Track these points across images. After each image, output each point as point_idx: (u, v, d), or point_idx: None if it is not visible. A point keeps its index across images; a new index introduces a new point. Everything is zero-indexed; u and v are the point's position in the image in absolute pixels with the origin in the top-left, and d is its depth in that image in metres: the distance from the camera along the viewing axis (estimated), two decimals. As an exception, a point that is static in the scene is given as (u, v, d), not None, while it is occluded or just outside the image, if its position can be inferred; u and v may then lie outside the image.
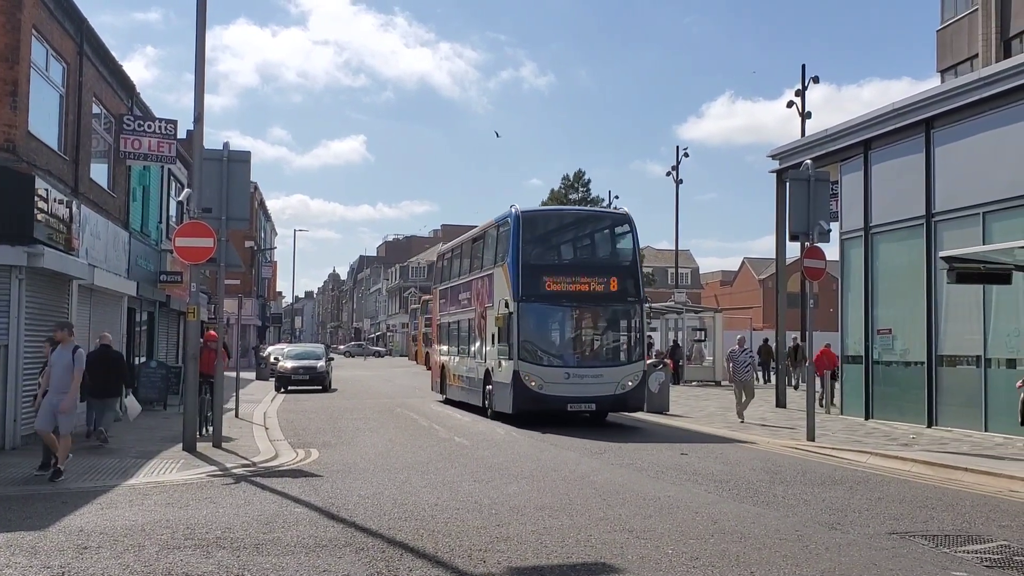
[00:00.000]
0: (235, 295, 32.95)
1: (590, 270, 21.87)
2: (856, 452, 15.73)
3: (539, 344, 21.01)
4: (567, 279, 21.34)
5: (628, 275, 21.61)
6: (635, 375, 21.00)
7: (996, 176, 18.08)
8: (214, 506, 10.48)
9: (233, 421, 20.34)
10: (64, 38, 18.67)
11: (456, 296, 27.11)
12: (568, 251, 24.05)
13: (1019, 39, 29.85)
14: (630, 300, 21.31)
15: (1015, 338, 17.59)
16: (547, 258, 22.57)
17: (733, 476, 13.16)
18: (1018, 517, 10.28)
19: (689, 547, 8.55)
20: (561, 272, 21.70)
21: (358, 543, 8.60)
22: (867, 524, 9.74)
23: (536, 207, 23.74)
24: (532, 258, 21.32)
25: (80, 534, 8.84)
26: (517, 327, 20.49)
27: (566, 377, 20.45)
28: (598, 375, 20.63)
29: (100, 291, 20.37)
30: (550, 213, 25.22)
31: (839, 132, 22.83)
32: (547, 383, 20.31)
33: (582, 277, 21.44)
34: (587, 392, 20.40)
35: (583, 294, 21.18)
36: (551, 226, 23.69)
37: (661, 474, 13.23)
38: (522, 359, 20.41)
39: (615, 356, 21.49)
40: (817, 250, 17.97)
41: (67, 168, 18.82)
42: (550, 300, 21.09)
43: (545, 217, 24.48)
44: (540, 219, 23.21)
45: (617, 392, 20.63)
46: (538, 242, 22.29)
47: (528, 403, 20.35)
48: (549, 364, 20.74)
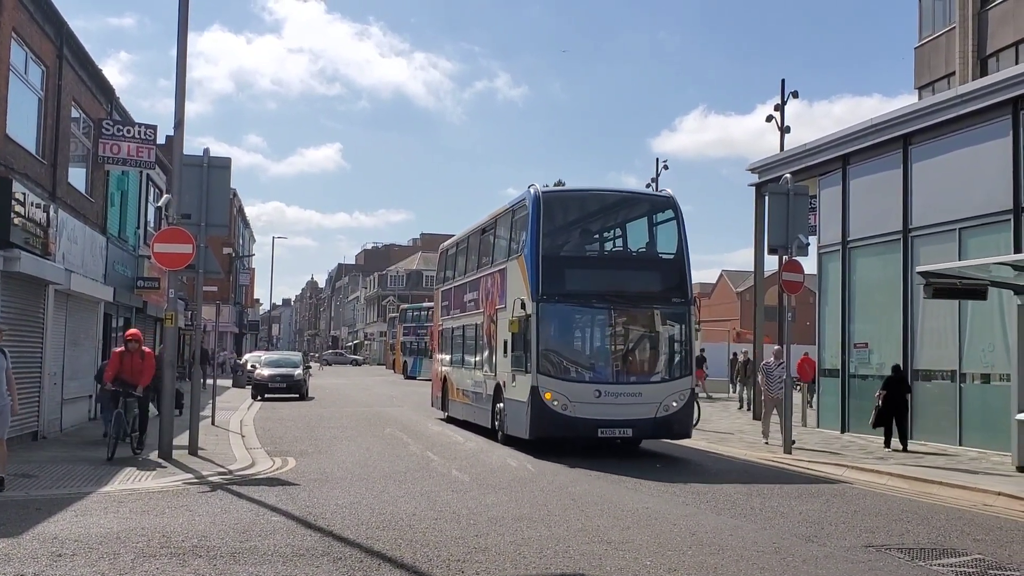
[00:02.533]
0: (213, 301, 32.82)
1: (626, 264, 18.78)
2: (833, 465, 15.81)
3: (563, 354, 17.40)
4: (598, 275, 18.04)
5: (673, 271, 17.86)
6: (681, 394, 17.12)
7: (972, 192, 18.26)
8: (190, 514, 10.41)
9: (209, 429, 20.21)
10: (43, 41, 18.56)
11: (461, 297, 23.64)
12: (599, 241, 20.46)
13: (996, 57, 30.19)
14: (676, 301, 17.58)
15: (990, 353, 17.75)
16: (573, 249, 18.99)
17: (711, 488, 13.20)
18: (992, 531, 10.36)
19: (667, 559, 8.56)
20: (590, 266, 18.59)
21: (335, 552, 8.56)
22: (844, 537, 9.79)
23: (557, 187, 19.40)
24: (555, 248, 17.76)
25: (54, 541, 8.75)
26: (536, 333, 16.82)
27: (597, 396, 16.68)
28: (636, 393, 16.89)
29: (77, 296, 20.22)
30: (576, 195, 20.35)
31: (818, 147, 22.99)
32: (573, 403, 16.56)
33: (617, 272, 18.19)
34: (622, 414, 16.70)
35: (618, 293, 17.44)
36: (578, 210, 19.75)
37: (638, 482, 13.24)
38: (542, 372, 16.73)
39: (657, 370, 17.71)
40: (795, 263, 18.08)
41: (45, 172, 18.70)
42: (577, 300, 17.49)
43: (570, 199, 20.03)
44: (564, 201, 19.50)
45: (659, 415, 16.83)
46: (562, 229, 18.86)
47: (549, 427, 16.69)
48: (576, 379, 17.08)
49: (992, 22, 30.46)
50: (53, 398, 18.88)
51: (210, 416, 21.96)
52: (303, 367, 37.47)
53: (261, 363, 38.29)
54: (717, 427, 23.29)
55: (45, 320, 18.17)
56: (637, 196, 20.86)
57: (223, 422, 22.26)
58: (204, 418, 20.51)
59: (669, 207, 18.20)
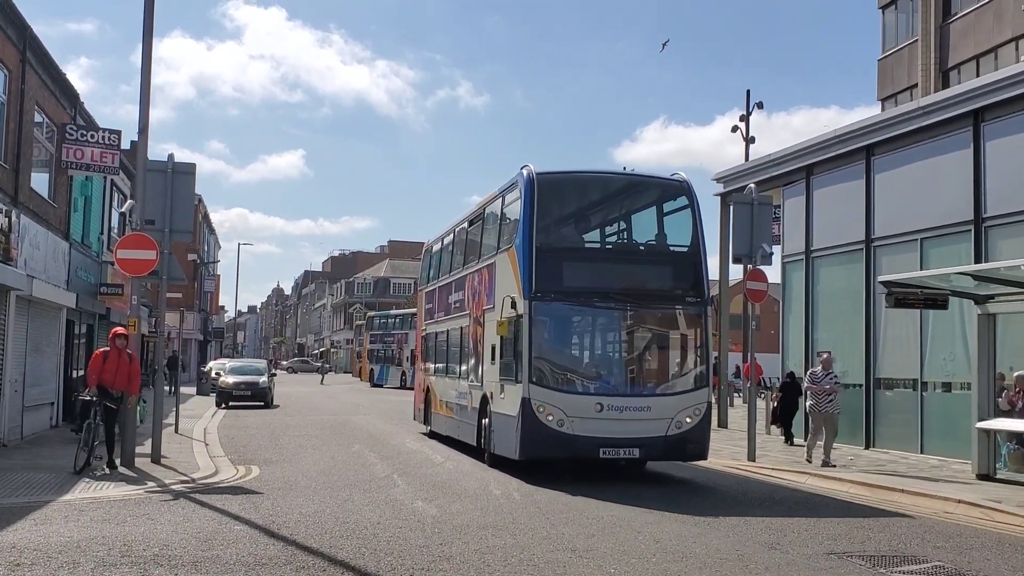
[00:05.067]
0: (177, 308, 32.54)
1: (634, 258, 16.71)
2: (796, 473, 15.94)
3: (560, 361, 15.32)
4: (601, 270, 15.83)
5: (687, 266, 15.76)
6: (696, 408, 14.90)
7: (933, 203, 18.51)
8: (152, 523, 10.30)
9: (172, 437, 20.02)
10: (6, 45, 18.36)
11: (445, 298, 21.41)
12: (602, 231, 18.19)
13: (957, 70, 30.67)
14: (690, 301, 15.40)
15: (951, 362, 17.98)
16: (572, 240, 17.00)
17: (675, 496, 13.25)
18: (952, 538, 10.49)
19: (631, 566, 8.59)
20: (592, 260, 16.43)
21: (299, 561, 8.51)
22: (806, 544, 9.87)
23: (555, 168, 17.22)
24: (551, 239, 15.73)
25: (12, 550, 8.63)
26: (528, 336, 14.65)
27: (598, 410, 14.50)
28: (644, 407, 14.73)
29: (38, 302, 19.98)
30: (576, 178, 17.28)
31: (782, 157, 23.20)
32: (570, 418, 14.40)
33: (622, 267, 16.05)
34: (628, 431, 14.50)
35: (624, 292, 15.31)
36: (577, 196, 17.42)
37: (601, 490, 13.27)
38: (535, 382, 14.57)
39: (669, 381, 15.61)
40: (759, 272, 18.22)
41: (7, 177, 18.48)
42: (576, 299, 15.41)
43: (569, 183, 17.12)
44: (562, 185, 16.79)
45: (670, 432, 14.64)
46: (560, 217, 16.81)
47: (542, 446, 14.62)
48: (574, 391, 14.92)
49: (953, 35, 30.93)
50: (14, 405, 18.64)
51: (174, 424, 21.76)
52: (268, 375, 37.23)
53: (226, 370, 37.99)
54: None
55: (6, 327, 17.93)
56: (646, 180, 18.04)
57: (187, 430, 22.06)
58: (167, 426, 20.32)
59: (683, 193, 16.08)
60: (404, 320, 58.80)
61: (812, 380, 17.72)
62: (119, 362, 14.84)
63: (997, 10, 29.29)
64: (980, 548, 9.93)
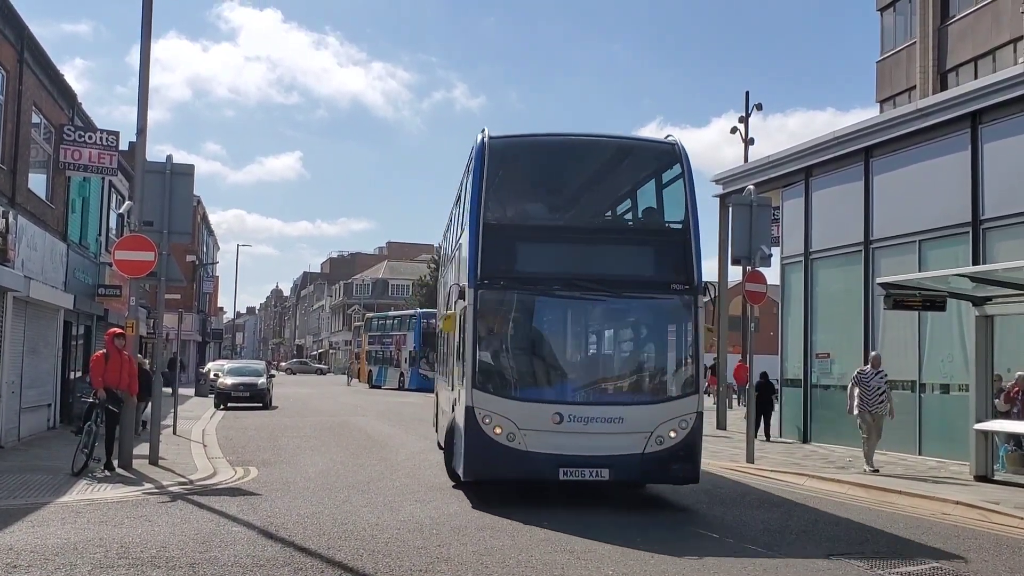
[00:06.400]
0: (176, 310, 32.52)
1: (608, 237, 13.70)
2: (794, 474, 15.93)
3: (511, 363, 12.85)
4: (566, 252, 13.08)
5: (674, 247, 12.88)
6: (683, 420, 12.19)
7: (931, 205, 18.52)
8: (149, 524, 10.29)
9: (171, 438, 20.00)
10: (3, 45, 18.34)
11: (443, 290, 19.08)
12: (571, 205, 14.62)
13: (955, 72, 30.68)
14: (676, 289, 12.54)
15: (949, 364, 17.99)
16: (532, 217, 14.07)
17: (673, 497, 13.24)
18: (950, 539, 10.49)
19: (629, 568, 8.58)
20: (556, 240, 13.33)
21: (297, 563, 8.50)
22: (804, 546, 9.87)
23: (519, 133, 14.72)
24: (505, 215, 13.42)
25: (9, 552, 8.62)
26: (473, 333, 12.32)
27: (557, 421, 11.94)
28: (615, 418, 12.13)
29: (36, 304, 19.95)
30: (541, 143, 14.40)
31: (781, 158, 23.21)
32: (523, 430, 11.93)
33: (593, 249, 13.13)
34: (595, 448, 11.94)
35: (593, 278, 12.65)
36: (542, 164, 14.27)
37: (602, 494, 13.26)
38: (480, 387, 12.19)
39: (647, 386, 12.98)
40: (758, 274, 18.22)
41: (4, 178, 18.46)
42: (533, 286, 12.71)
43: (532, 149, 14.31)
44: (523, 152, 14.16)
45: (650, 450, 12.00)
46: (519, 190, 14.23)
47: (489, 464, 12.15)
48: (528, 398, 12.35)
49: (952, 38, 30.95)
50: (11, 407, 18.61)
51: (172, 425, 21.74)
52: (267, 376, 37.19)
53: (224, 372, 37.96)
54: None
55: (3, 328, 17.90)
56: (627, 144, 15.18)
57: (185, 431, 22.04)
58: (166, 427, 20.30)
59: (673, 159, 13.29)
60: (403, 321, 58.81)
61: (861, 380, 16.58)
62: (120, 363, 14.86)
63: (995, 12, 29.31)
64: (978, 549, 9.93)
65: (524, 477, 12.34)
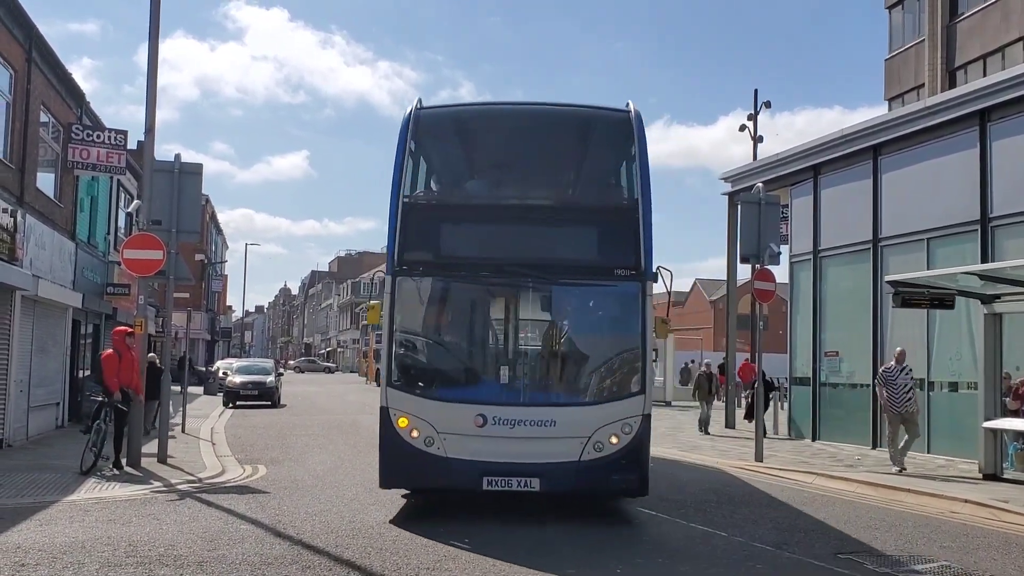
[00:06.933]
0: (184, 308, 32.55)
1: (545, 217, 12.06)
2: (803, 473, 15.90)
3: (430, 359, 11.82)
4: (495, 233, 11.71)
5: (620, 227, 11.45)
6: (626, 424, 10.81)
7: (940, 203, 18.46)
8: (157, 523, 10.31)
9: (179, 436, 20.04)
10: (12, 44, 18.38)
11: None
12: (506, 181, 12.97)
13: (964, 70, 30.58)
14: (622, 275, 11.13)
15: (957, 361, 17.93)
16: (460, 195, 12.86)
17: (682, 495, 13.23)
18: (959, 538, 10.45)
19: (637, 567, 8.57)
20: (484, 220, 11.89)
21: (304, 561, 8.51)
22: (813, 544, 9.85)
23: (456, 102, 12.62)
24: (431, 195, 12.58)
25: (18, 551, 8.64)
26: (389, 325, 11.15)
27: (480, 424, 10.73)
28: (547, 421, 10.83)
29: (44, 302, 20.01)
30: (473, 112, 13.36)
31: (790, 156, 23.16)
32: (442, 434, 10.77)
33: (527, 229, 11.74)
34: (524, 455, 10.67)
35: (526, 262, 11.34)
36: (475, 136, 13.02)
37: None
38: (396, 386, 11.14)
39: (585, 385, 11.57)
40: (767, 272, 18.16)
41: (12, 177, 18.50)
42: (456, 273, 11.63)
43: (463, 120, 13.09)
44: (453, 123, 12.97)
45: (587, 457, 10.71)
46: (446, 165, 13.27)
47: (405, 472, 11.17)
48: (448, 397, 11.19)
49: (960, 35, 30.85)
50: (20, 406, 18.67)
51: (180, 423, 21.78)
52: (275, 374, 37.23)
53: (233, 370, 38.02)
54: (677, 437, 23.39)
55: (11, 327, 17.96)
56: (573, 113, 13.00)
57: (193, 430, 22.08)
58: (174, 426, 20.33)
59: (624, 130, 11.87)
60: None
61: (886, 377, 16.23)
62: (132, 361, 14.95)
63: (1004, 10, 29.20)
64: (987, 548, 9.90)
65: (445, 487, 11.29)
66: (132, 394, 14.90)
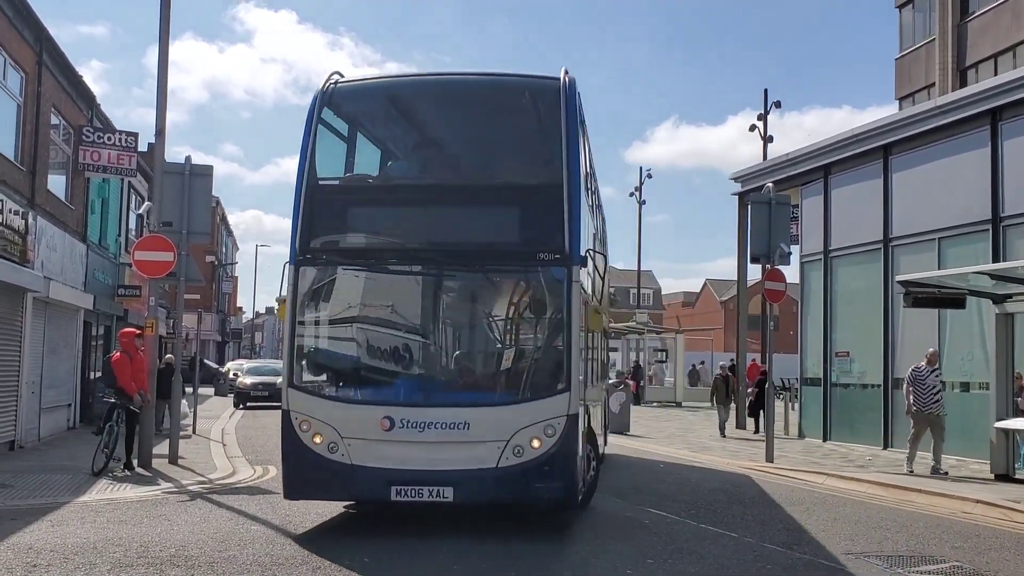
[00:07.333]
0: (195, 310, 32.66)
1: (460, 197, 10.93)
2: (813, 473, 15.86)
3: (333, 357, 10.92)
4: (405, 217, 10.73)
5: (545, 208, 10.22)
6: (550, 425, 9.62)
7: (950, 202, 18.40)
8: (168, 524, 10.33)
9: (190, 438, 20.09)
10: (23, 47, 18.46)
11: None
12: (423, 160, 11.95)
13: (975, 69, 30.48)
14: (544, 259, 10.04)
15: (969, 362, 17.85)
16: (367, 175, 11.91)
17: (692, 496, 13.21)
18: (970, 538, 10.41)
19: (647, 567, 8.56)
20: (394, 202, 10.94)
21: (315, 562, 8.51)
22: (823, 545, 9.81)
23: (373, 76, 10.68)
24: (335, 175, 11.33)
25: (29, 552, 8.67)
26: (291, 319, 10.24)
27: (387, 427, 9.69)
28: (460, 423, 9.74)
29: (55, 304, 20.09)
30: (386, 85, 12.34)
31: (800, 156, 23.11)
32: (347, 439, 9.80)
33: (440, 212, 10.71)
34: (434, 461, 9.63)
35: (438, 248, 10.48)
36: (389, 111, 12.17)
37: (620, 491, 13.23)
38: (297, 386, 10.29)
39: (504, 382, 10.37)
40: (777, 272, 18.13)
41: (24, 179, 18.58)
42: (362, 261, 10.79)
43: (376, 93, 12.07)
44: (366, 98, 11.90)
45: (505, 463, 9.57)
46: (358, 144, 12.03)
47: (309, 482, 10.10)
48: (352, 398, 10.45)
49: (971, 34, 30.74)
50: (31, 407, 18.74)
51: (191, 425, 21.83)
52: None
53: (243, 371, 38.09)
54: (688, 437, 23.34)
55: (23, 328, 18.04)
56: (495, 82, 11.99)
57: (204, 431, 22.14)
58: (185, 427, 20.37)
59: (552, 100, 10.73)
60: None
61: (915, 377, 15.84)
62: (142, 363, 15.04)
63: (1015, 9, 29.09)
64: (999, 548, 9.85)
65: (351, 497, 10.61)
66: (143, 395, 14.96)
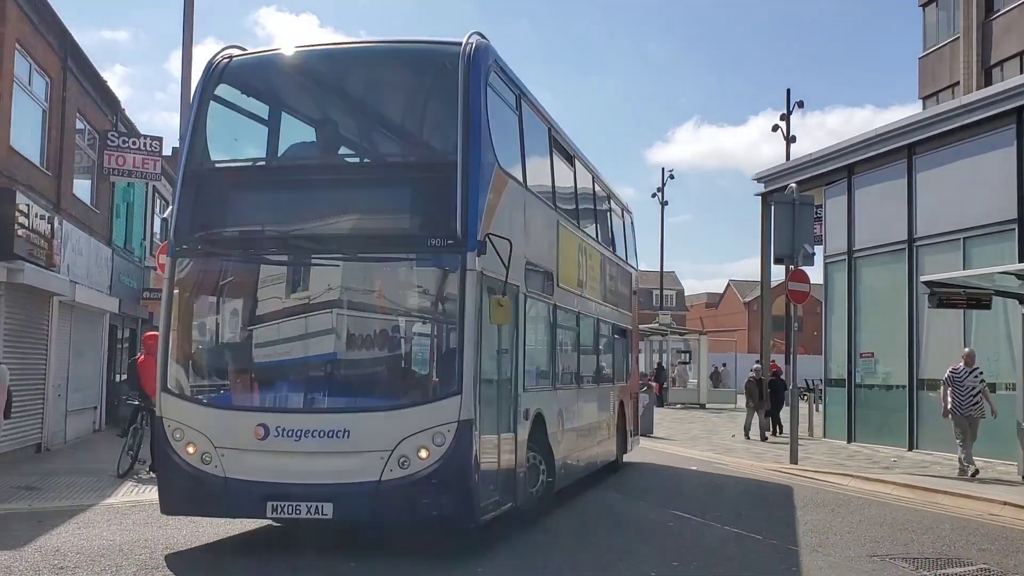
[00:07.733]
0: (218, 313, 32.75)
1: (346, 179, 10.18)
2: (838, 475, 15.76)
3: (206, 357, 10.13)
4: (287, 202, 9.67)
5: (437, 188, 9.09)
6: (439, 433, 8.53)
7: (975, 202, 18.23)
8: (194, 525, 10.34)
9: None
10: (48, 53, 18.61)
11: None
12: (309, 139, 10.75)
13: (1000, 67, 30.20)
14: (435, 245, 8.99)
15: (994, 363, 17.66)
16: (250, 157, 10.92)
17: (717, 498, 13.16)
18: (997, 540, 10.31)
19: (672, 570, 8.53)
20: (272, 185, 10.05)
21: (335, 568, 8.52)
22: (848, 547, 9.75)
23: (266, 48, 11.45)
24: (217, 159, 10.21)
25: (56, 554, 8.73)
26: (165, 316, 9.58)
27: (262, 435, 8.70)
28: (338, 431, 8.69)
29: (81, 307, 20.24)
30: (274, 58, 10.84)
31: (823, 156, 22.98)
32: (220, 449, 8.83)
33: (321, 195, 9.64)
34: (312, 474, 8.58)
35: (318, 235, 9.50)
36: (277, 86, 10.94)
37: (645, 494, 13.20)
38: (170, 391, 9.33)
39: (386, 385, 9.50)
40: (801, 273, 18.04)
41: (49, 184, 18.73)
42: (237, 251, 9.82)
43: (264, 67, 10.85)
44: (253, 72, 10.68)
45: (389, 475, 8.51)
46: (244, 123, 10.75)
47: (183, 496, 9.12)
48: (224, 404, 9.41)
49: (996, 32, 30.47)
50: (57, 410, 18.88)
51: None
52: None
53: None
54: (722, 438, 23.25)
55: (49, 332, 18.18)
56: (391, 50, 10.72)
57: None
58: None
59: (450, 70, 9.45)
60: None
61: (953, 379, 15.34)
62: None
63: (1041, 5, 28.82)
64: (1028, 551, 9.76)
65: (225, 513, 9.54)
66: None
